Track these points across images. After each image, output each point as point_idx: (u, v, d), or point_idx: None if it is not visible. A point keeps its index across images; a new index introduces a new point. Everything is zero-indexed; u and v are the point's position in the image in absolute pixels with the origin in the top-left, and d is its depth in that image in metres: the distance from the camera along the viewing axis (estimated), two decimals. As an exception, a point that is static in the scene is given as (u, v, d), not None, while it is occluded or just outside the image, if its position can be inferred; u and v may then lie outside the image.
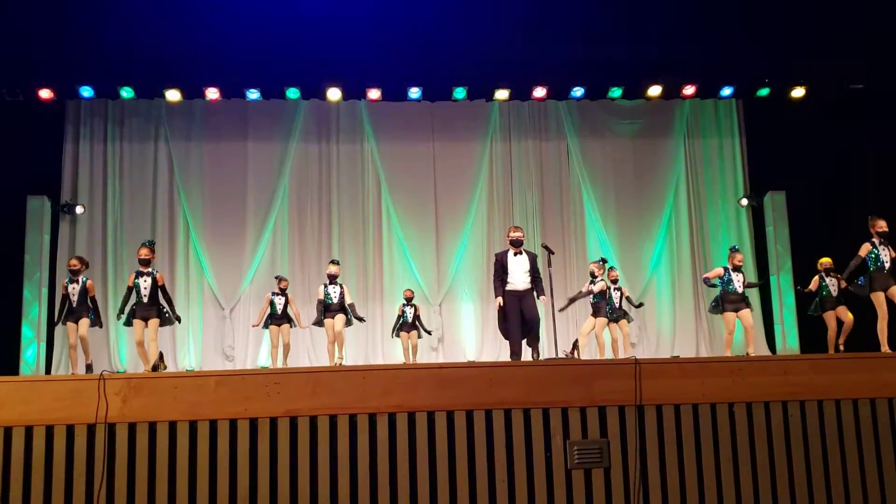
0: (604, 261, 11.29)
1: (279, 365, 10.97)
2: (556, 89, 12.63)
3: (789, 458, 5.96)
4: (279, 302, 11.23)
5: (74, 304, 9.35)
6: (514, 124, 14.48)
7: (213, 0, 10.72)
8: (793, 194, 13.60)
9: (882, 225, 8.69)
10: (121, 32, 10.90)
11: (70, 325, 9.41)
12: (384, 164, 14.20)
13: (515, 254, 8.43)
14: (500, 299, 8.39)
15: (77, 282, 9.37)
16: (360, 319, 11.36)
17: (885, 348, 8.44)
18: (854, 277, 8.88)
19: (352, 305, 11.00)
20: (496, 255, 8.71)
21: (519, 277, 8.37)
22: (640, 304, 12.29)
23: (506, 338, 8.64)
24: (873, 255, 8.63)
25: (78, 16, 10.72)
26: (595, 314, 10.91)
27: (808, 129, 12.76)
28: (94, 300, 9.48)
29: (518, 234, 8.58)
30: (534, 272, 8.46)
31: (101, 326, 9.91)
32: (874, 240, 8.65)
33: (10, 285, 12.14)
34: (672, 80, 12.46)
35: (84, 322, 9.36)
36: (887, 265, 8.53)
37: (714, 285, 9.95)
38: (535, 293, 8.48)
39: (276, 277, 11.46)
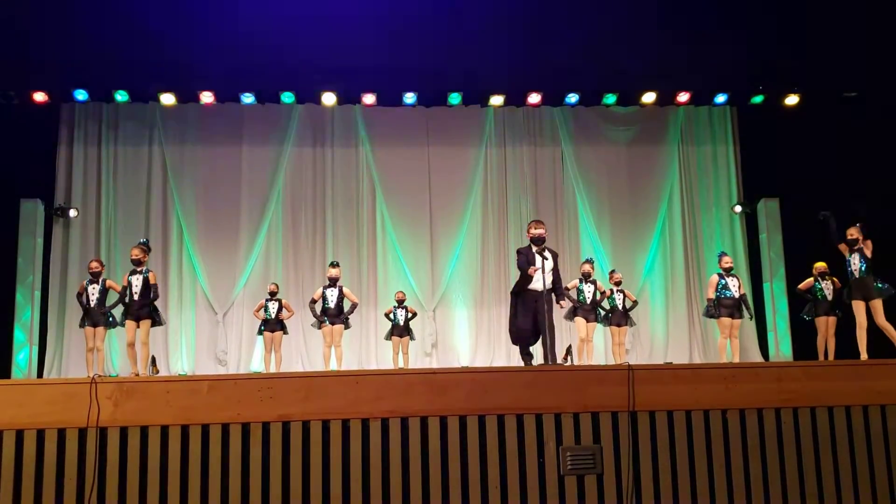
0: (590, 261, 11.31)
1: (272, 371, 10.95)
2: (550, 95, 12.64)
3: (782, 465, 5.98)
4: (272, 307, 11.24)
5: (93, 306, 9.47)
6: (508, 130, 14.47)
7: (208, 3, 10.72)
8: (786, 202, 13.63)
9: (849, 233, 8.80)
10: (116, 35, 10.88)
11: (88, 329, 9.60)
12: (379, 168, 14.18)
13: (538, 251, 7.69)
14: (533, 267, 7.61)
15: (97, 282, 9.42)
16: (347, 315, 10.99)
17: (864, 357, 8.44)
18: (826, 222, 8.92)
19: (354, 306, 10.90)
20: (519, 249, 7.93)
21: (540, 278, 7.59)
22: (635, 302, 12.19)
23: (514, 342, 8.08)
24: (846, 265, 8.78)
25: (73, 18, 10.71)
26: (586, 317, 10.89)
27: (801, 136, 12.79)
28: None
29: (541, 230, 7.80)
30: (556, 272, 7.77)
31: (114, 326, 9.95)
32: (848, 249, 8.80)
33: (2, 288, 12.09)
34: (666, 87, 12.48)
35: (101, 330, 9.48)
36: (856, 273, 8.63)
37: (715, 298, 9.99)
38: (553, 296, 7.76)
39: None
